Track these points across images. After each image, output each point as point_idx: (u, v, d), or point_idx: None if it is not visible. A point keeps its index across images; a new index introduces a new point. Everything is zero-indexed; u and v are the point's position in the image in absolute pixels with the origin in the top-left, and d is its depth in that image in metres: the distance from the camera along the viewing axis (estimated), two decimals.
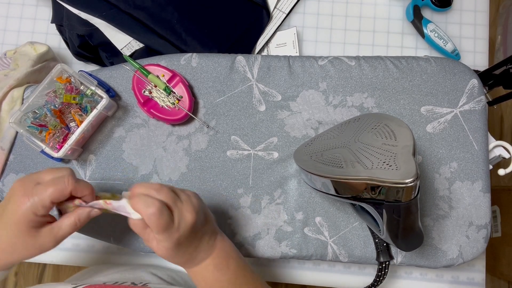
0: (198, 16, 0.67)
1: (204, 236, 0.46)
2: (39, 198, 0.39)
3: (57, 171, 0.42)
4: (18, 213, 0.39)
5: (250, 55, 0.62)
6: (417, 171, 0.38)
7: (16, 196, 0.40)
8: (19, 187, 0.40)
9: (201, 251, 0.46)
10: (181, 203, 0.43)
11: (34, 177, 0.41)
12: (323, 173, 0.46)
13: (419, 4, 0.70)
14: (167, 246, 0.42)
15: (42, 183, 0.40)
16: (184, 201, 0.43)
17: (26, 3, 0.75)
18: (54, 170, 0.42)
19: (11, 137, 0.61)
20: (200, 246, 0.46)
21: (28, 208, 0.39)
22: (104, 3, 0.66)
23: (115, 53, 0.69)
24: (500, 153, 0.60)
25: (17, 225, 0.40)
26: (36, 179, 0.41)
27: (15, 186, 0.41)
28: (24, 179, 0.41)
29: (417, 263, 0.58)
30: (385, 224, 0.46)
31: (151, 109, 0.59)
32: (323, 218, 0.59)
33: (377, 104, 0.60)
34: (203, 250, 0.46)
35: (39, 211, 0.40)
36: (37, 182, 0.41)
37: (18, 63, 0.65)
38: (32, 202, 0.39)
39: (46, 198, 0.39)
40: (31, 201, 0.39)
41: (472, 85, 0.60)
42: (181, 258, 0.45)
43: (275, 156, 0.60)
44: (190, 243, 0.44)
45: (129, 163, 0.61)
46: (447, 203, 0.58)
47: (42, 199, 0.39)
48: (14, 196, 0.40)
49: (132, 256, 0.68)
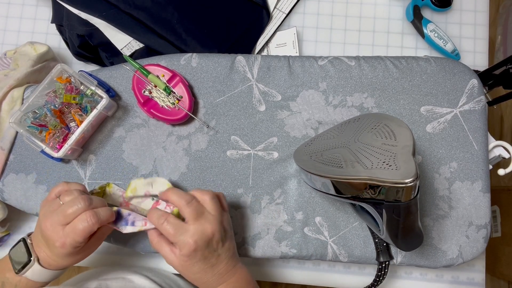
0: (198, 16, 0.67)
1: (222, 258, 0.48)
2: (73, 240, 0.45)
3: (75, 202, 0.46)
4: (63, 252, 0.46)
5: (250, 55, 0.62)
6: (417, 171, 0.38)
7: (52, 240, 0.45)
8: (49, 232, 0.45)
9: (216, 273, 0.47)
10: (207, 217, 0.47)
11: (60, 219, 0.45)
12: (323, 173, 0.46)
13: (419, 4, 0.70)
14: (185, 254, 0.45)
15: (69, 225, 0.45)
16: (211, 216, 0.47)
17: (26, 3, 0.75)
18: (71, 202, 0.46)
19: (11, 137, 0.61)
20: (217, 267, 0.47)
21: (69, 249, 0.46)
22: (104, 3, 0.66)
23: (115, 53, 0.69)
24: (500, 153, 0.60)
25: (65, 256, 0.47)
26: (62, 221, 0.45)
27: (46, 232, 0.46)
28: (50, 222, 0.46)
29: (417, 263, 0.58)
30: (385, 224, 0.46)
31: (151, 109, 0.59)
32: (323, 218, 0.59)
33: (377, 104, 0.60)
34: (219, 273, 0.47)
35: (77, 247, 0.46)
36: (62, 224, 0.45)
37: (18, 63, 0.65)
38: (71, 245, 0.45)
39: (79, 238, 0.45)
40: (69, 245, 0.45)
41: (472, 85, 0.60)
42: (197, 274, 0.47)
43: (275, 156, 0.60)
44: (207, 259, 0.46)
45: (129, 163, 0.61)
46: (447, 203, 0.58)
47: (76, 239, 0.45)
48: (50, 239, 0.46)
49: (132, 256, 0.68)
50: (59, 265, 0.48)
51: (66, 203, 0.46)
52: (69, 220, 0.45)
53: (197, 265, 0.46)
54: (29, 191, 0.61)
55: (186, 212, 0.46)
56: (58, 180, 0.61)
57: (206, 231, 0.46)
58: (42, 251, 0.48)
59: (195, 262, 0.46)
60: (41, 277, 0.48)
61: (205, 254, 0.46)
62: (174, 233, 0.45)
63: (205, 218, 0.47)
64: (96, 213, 0.46)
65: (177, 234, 0.45)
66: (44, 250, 0.48)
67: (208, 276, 0.47)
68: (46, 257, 0.48)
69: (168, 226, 0.45)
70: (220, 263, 0.48)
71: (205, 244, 0.46)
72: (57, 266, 0.48)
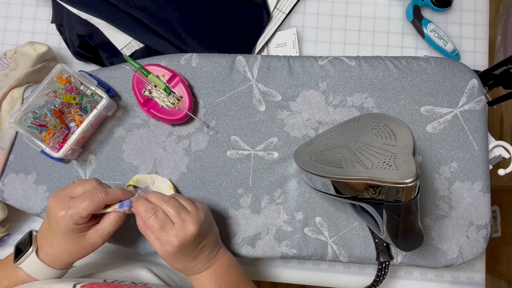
0: (198, 16, 0.67)
1: (205, 248, 0.49)
2: (76, 211, 0.45)
3: (86, 183, 0.48)
4: (61, 225, 0.45)
5: (250, 55, 0.62)
6: (417, 171, 0.38)
7: (54, 211, 0.45)
8: (54, 203, 0.46)
9: (200, 262, 0.49)
10: (187, 214, 0.47)
11: (66, 192, 0.47)
12: (323, 173, 0.46)
13: (419, 4, 0.70)
14: (169, 250, 0.46)
15: (76, 197, 0.46)
16: (191, 213, 0.47)
17: (26, 3, 0.75)
18: (83, 182, 0.48)
19: (11, 137, 0.61)
20: (200, 257, 0.49)
21: (68, 220, 0.45)
22: (104, 3, 0.66)
23: (115, 53, 0.69)
24: (500, 153, 0.60)
25: (64, 235, 0.46)
26: (68, 193, 0.47)
27: (51, 203, 0.46)
28: (57, 195, 0.47)
29: (417, 263, 0.58)
30: (385, 224, 0.46)
31: (151, 109, 0.59)
32: (323, 218, 0.59)
33: (377, 104, 0.60)
34: (203, 261, 0.49)
35: (79, 221, 0.45)
36: (69, 196, 0.46)
37: (18, 63, 0.65)
38: (71, 215, 0.45)
39: (83, 210, 0.45)
40: (69, 214, 0.45)
41: (472, 85, 0.60)
42: (180, 265, 0.48)
43: (275, 156, 0.60)
44: (190, 252, 0.47)
45: (129, 163, 0.61)
46: (447, 203, 0.58)
47: (79, 211, 0.45)
48: (52, 211, 0.46)
49: (132, 256, 0.68)
50: (57, 255, 0.47)
51: (77, 182, 0.48)
52: (78, 194, 0.46)
53: (180, 259, 0.47)
54: (29, 191, 0.61)
55: (167, 211, 0.47)
56: (58, 180, 0.61)
57: (189, 231, 0.46)
58: (44, 240, 0.48)
59: (178, 257, 0.47)
60: (36, 272, 0.47)
61: (188, 250, 0.47)
62: (159, 229, 0.45)
63: (186, 214, 0.47)
64: (106, 190, 0.47)
65: (162, 231, 0.46)
66: (46, 236, 0.47)
67: (190, 266, 0.48)
68: (47, 247, 0.47)
69: (155, 221, 0.46)
70: (203, 254, 0.49)
71: (188, 242, 0.46)
72: (55, 257, 0.47)
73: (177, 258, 0.47)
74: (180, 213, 0.46)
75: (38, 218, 0.69)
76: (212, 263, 0.50)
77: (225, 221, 0.59)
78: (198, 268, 0.49)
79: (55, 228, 0.46)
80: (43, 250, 0.48)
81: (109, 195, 0.47)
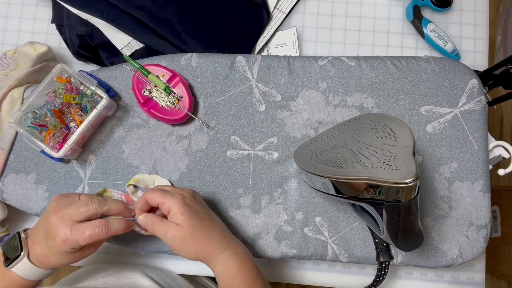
0: (198, 16, 0.67)
1: (214, 219, 0.50)
2: (75, 239, 0.45)
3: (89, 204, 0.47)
4: (60, 248, 0.46)
5: (250, 55, 0.62)
6: (417, 171, 0.38)
7: (55, 232, 0.45)
8: (57, 223, 0.46)
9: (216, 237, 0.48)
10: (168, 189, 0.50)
11: (70, 213, 0.46)
12: (323, 173, 0.46)
13: (419, 4, 0.70)
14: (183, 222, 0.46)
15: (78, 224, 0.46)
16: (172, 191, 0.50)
17: (26, 3, 0.75)
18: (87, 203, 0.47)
19: (11, 137, 0.61)
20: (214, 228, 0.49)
21: (67, 247, 0.45)
22: (104, 3, 0.66)
23: (115, 53, 0.69)
24: (500, 153, 0.60)
25: (60, 254, 0.47)
26: (72, 215, 0.46)
27: (53, 222, 0.46)
28: (60, 214, 0.46)
29: (417, 263, 0.58)
30: (385, 224, 0.46)
31: (151, 109, 0.59)
32: (323, 218, 0.59)
33: (377, 104, 0.60)
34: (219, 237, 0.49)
35: (75, 248, 0.46)
36: (73, 220, 0.46)
37: (18, 63, 0.65)
38: (71, 244, 0.45)
39: (82, 240, 0.45)
40: (69, 243, 0.45)
41: (472, 85, 0.60)
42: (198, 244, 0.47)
43: (275, 156, 0.60)
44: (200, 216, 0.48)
45: (129, 163, 0.61)
46: (447, 203, 0.58)
47: (79, 241, 0.45)
48: (52, 231, 0.46)
49: (132, 256, 0.68)
50: (50, 263, 0.48)
51: (82, 200, 0.48)
52: (81, 218, 0.46)
53: (196, 219, 0.47)
54: (29, 191, 0.61)
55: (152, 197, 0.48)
56: (58, 180, 0.61)
57: (185, 189, 0.49)
58: (37, 246, 0.47)
59: (193, 221, 0.47)
60: (29, 274, 0.47)
61: (195, 206, 0.48)
62: (161, 195, 0.47)
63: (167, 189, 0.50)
64: (108, 225, 0.47)
65: (164, 195, 0.47)
66: (40, 244, 0.47)
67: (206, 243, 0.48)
68: (39, 252, 0.47)
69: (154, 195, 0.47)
70: (215, 225, 0.49)
71: (190, 196, 0.48)
72: (47, 263, 0.48)
73: (192, 225, 0.47)
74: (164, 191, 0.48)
75: (38, 218, 0.69)
76: (228, 243, 0.49)
77: (225, 221, 0.59)
78: (216, 247, 0.48)
79: (52, 246, 0.46)
80: (34, 254, 0.47)
81: (111, 230, 0.47)
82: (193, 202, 0.49)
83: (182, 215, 0.46)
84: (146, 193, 0.49)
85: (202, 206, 0.51)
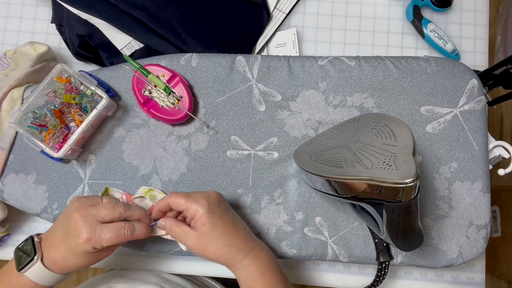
0: (198, 16, 0.67)
1: (238, 222, 0.50)
2: (99, 240, 0.45)
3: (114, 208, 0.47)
4: (80, 247, 0.45)
5: (250, 55, 0.62)
6: (417, 171, 0.38)
7: (79, 231, 0.45)
8: (81, 223, 0.45)
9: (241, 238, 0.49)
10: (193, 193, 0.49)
11: (94, 214, 0.46)
12: (323, 173, 0.46)
13: (419, 4, 0.70)
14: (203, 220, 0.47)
15: (103, 224, 0.46)
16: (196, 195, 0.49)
17: (26, 3, 0.75)
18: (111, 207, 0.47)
19: (11, 137, 0.61)
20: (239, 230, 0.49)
21: (89, 247, 0.45)
22: (104, 3, 0.66)
23: (115, 53, 0.69)
24: (500, 153, 0.60)
25: (80, 254, 0.46)
26: (96, 216, 0.46)
27: (78, 220, 0.46)
28: (85, 213, 0.46)
29: (417, 263, 0.58)
30: (385, 224, 0.46)
31: (151, 109, 0.59)
32: (323, 218, 0.59)
33: (377, 104, 0.60)
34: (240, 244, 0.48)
35: (98, 248, 0.46)
36: (97, 220, 0.46)
37: (18, 63, 0.65)
38: (94, 244, 0.45)
39: (106, 242, 0.45)
40: (92, 242, 0.45)
41: (472, 85, 0.60)
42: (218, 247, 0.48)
43: (275, 156, 0.60)
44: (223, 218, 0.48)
45: (129, 163, 0.61)
46: (447, 203, 0.58)
47: (102, 242, 0.45)
48: (76, 230, 0.45)
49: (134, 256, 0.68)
50: (66, 265, 0.47)
51: (106, 202, 0.48)
52: (105, 219, 0.47)
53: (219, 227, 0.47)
54: (29, 191, 0.61)
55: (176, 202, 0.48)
56: (58, 180, 0.61)
57: (210, 194, 0.49)
58: (53, 248, 0.47)
59: (214, 231, 0.47)
60: (42, 279, 0.47)
61: (220, 212, 0.48)
62: (186, 201, 0.47)
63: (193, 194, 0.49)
64: (133, 228, 0.47)
65: (188, 201, 0.47)
66: (58, 245, 0.47)
67: (229, 248, 0.48)
68: (56, 255, 0.47)
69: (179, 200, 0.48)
70: (238, 231, 0.49)
71: (215, 201, 0.48)
72: (63, 266, 0.47)
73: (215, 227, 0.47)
74: (188, 196, 0.48)
75: (38, 218, 0.69)
76: (250, 248, 0.49)
77: None
78: (237, 254, 0.48)
79: (73, 246, 0.46)
80: (49, 258, 0.47)
81: (135, 233, 0.47)
82: (218, 207, 0.49)
83: (204, 225, 0.47)
84: (170, 197, 0.49)
85: (227, 210, 0.50)
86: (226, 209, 0.50)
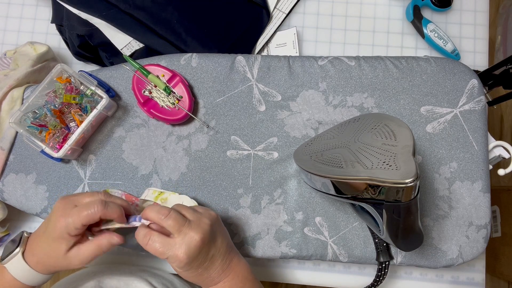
0: (198, 16, 0.67)
1: (215, 258, 0.47)
2: (72, 220, 0.44)
3: (92, 195, 0.47)
4: (56, 231, 0.45)
5: (250, 55, 0.62)
6: (417, 171, 0.38)
7: (56, 214, 0.45)
8: (59, 205, 0.46)
9: (213, 272, 0.48)
10: (189, 225, 0.45)
11: (74, 199, 0.47)
12: (323, 173, 0.46)
13: (419, 4, 0.70)
14: (178, 266, 0.45)
15: (78, 206, 0.45)
16: (193, 223, 0.46)
17: (26, 3, 0.75)
18: (93, 194, 0.47)
19: (11, 137, 0.61)
20: (212, 268, 0.47)
21: (63, 228, 0.44)
22: (104, 3, 0.66)
23: (115, 53, 0.69)
24: (500, 153, 0.60)
25: (55, 241, 0.45)
26: (75, 201, 0.47)
27: (57, 206, 0.46)
28: (65, 200, 0.47)
29: (417, 263, 0.58)
30: (385, 224, 0.46)
31: (151, 109, 0.59)
32: (323, 218, 0.59)
33: (377, 104, 0.60)
34: (216, 272, 0.48)
35: (72, 232, 0.44)
36: (74, 204, 0.46)
37: (18, 63, 0.65)
38: (67, 223, 0.44)
39: (78, 221, 0.44)
40: (66, 222, 0.44)
41: (472, 85, 0.60)
42: (193, 278, 0.47)
43: (275, 156, 0.60)
44: (200, 264, 0.46)
45: (129, 163, 0.61)
46: (447, 203, 0.58)
47: (75, 221, 0.44)
48: (54, 213, 0.46)
49: (132, 256, 0.68)
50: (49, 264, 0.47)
51: (88, 192, 0.48)
52: (79, 204, 0.46)
53: (191, 271, 0.46)
54: (29, 191, 0.61)
55: (167, 225, 0.45)
56: (58, 180, 0.61)
57: (193, 240, 0.44)
58: (36, 243, 0.47)
59: (189, 269, 0.46)
60: (25, 277, 0.47)
61: (198, 261, 0.46)
62: (162, 250, 0.44)
63: (187, 226, 0.45)
64: (105, 203, 0.45)
65: (165, 250, 0.44)
66: (40, 239, 0.47)
67: (203, 278, 0.47)
68: (37, 249, 0.46)
69: (154, 245, 0.44)
70: (214, 264, 0.47)
71: (196, 253, 0.45)
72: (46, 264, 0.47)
73: (188, 271, 0.46)
74: (181, 226, 0.45)
75: (38, 218, 0.69)
76: (226, 274, 0.48)
77: (225, 221, 0.59)
78: (212, 279, 0.48)
79: (51, 231, 0.45)
80: (30, 251, 0.47)
81: (108, 209, 0.45)
82: (210, 236, 0.47)
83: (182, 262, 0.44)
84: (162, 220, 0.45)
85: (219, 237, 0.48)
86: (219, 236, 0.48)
